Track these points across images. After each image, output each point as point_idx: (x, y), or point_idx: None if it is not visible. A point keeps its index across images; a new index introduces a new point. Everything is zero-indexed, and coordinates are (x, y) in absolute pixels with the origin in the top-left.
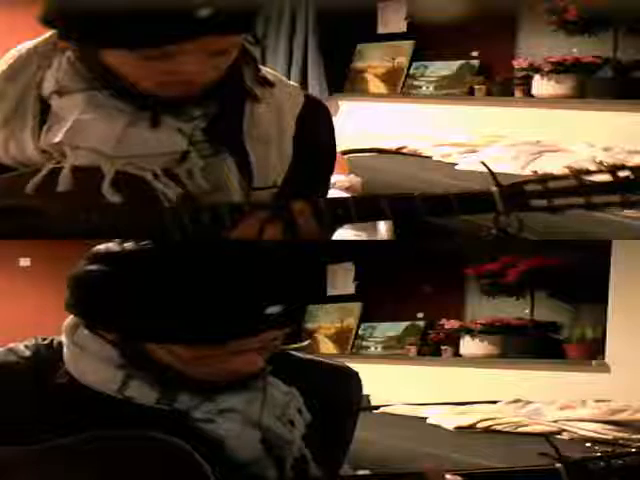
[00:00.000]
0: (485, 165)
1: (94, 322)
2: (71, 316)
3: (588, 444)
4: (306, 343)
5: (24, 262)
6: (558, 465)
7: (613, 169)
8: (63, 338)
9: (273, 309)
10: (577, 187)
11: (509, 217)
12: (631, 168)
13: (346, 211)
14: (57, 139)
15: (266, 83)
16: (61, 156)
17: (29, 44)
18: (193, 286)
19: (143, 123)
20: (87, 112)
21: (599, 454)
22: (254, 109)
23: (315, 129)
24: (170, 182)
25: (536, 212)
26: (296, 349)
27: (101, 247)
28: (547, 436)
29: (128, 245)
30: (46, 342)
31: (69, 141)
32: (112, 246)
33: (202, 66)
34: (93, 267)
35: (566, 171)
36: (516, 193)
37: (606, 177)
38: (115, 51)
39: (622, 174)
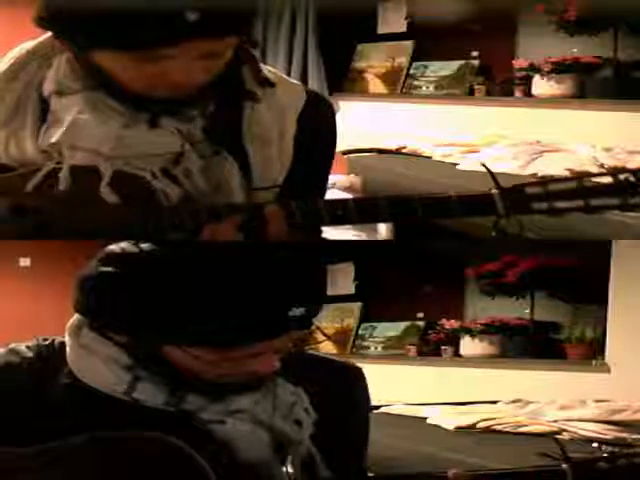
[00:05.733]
0: (486, 167)
1: (105, 324)
2: (75, 317)
3: (595, 444)
4: (323, 340)
5: (24, 262)
6: (564, 466)
7: (614, 172)
8: (67, 339)
9: (298, 311)
10: (578, 190)
11: (509, 219)
12: (632, 171)
13: (345, 212)
14: (55, 139)
15: (267, 83)
16: (60, 156)
17: (29, 44)
18: (218, 288)
19: (140, 123)
20: (85, 112)
21: (605, 454)
22: (254, 109)
23: (316, 126)
24: (169, 182)
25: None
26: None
27: (115, 248)
28: (555, 437)
29: (145, 246)
30: (47, 342)
31: (66, 141)
32: (128, 247)
33: (190, 69)
34: (108, 269)
35: (567, 173)
36: (517, 196)
37: (607, 179)
38: (105, 52)
39: (623, 177)
